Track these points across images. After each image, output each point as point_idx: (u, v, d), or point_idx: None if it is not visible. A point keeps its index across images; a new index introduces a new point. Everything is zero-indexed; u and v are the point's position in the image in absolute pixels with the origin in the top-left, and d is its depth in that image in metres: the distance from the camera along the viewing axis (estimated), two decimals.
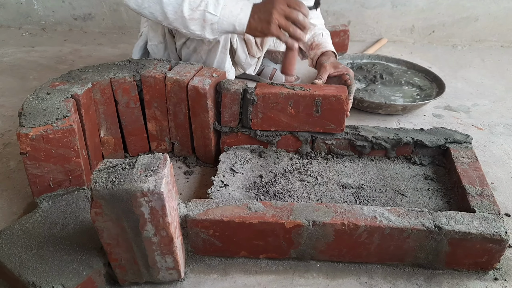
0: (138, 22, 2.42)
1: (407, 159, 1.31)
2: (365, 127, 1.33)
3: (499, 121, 1.65)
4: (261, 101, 1.24)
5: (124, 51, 2.24)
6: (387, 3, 2.30)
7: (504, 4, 2.24)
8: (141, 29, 1.58)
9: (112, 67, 1.30)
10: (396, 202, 1.15)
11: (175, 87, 1.25)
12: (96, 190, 0.80)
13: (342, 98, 1.22)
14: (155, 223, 0.84)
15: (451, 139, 1.28)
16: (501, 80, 1.99)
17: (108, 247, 0.89)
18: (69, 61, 2.14)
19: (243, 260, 1.03)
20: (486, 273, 1.00)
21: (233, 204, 0.99)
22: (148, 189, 0.79)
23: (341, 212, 0.97)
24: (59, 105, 1.09)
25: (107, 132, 1.29)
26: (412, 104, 1.61)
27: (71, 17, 2.47)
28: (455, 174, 1.18)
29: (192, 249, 1.01)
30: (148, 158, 0.86)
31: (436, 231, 0.94)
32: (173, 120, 1.32)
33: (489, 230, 0.94)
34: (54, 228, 1.00)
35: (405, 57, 2.14)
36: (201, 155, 1.37)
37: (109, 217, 0.83)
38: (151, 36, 1.48)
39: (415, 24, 2.35)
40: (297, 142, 1.33)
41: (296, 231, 0.96)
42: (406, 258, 1.00)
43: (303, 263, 1.02)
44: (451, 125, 1.60)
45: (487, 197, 1.06)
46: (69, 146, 1.05)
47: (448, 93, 1.81)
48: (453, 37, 2.38)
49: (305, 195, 1.18)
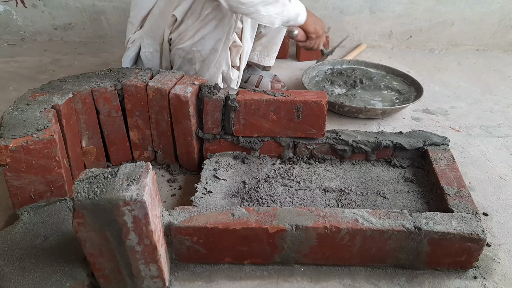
0: (119, 31, 2.43)
1: (387, 162, 1.34)
2: (346, 131, 1.35)
3: (475, 123, 1.69)
4: (243, 108, 1.26)
5: (105, 60, 2.23)
6: (365, 9, 2.34)
7: (478, 9, 2.30)
8: (129, 36, 1.57)
9: (93, 77, 1.30)
10: (377, 205, 1.18)
11: (156, 95, 1.25)
12: (78, 200, 0.80)
13: (322, 103, 1.23)
14: (138, 232, 0.84)
15: (429, 141, 1.31)
16: (477, 83, 2.04)
17: (91, 258, 0.88)
18: (49, 71, 2.12)
19: (228, 267, 1.03)
20: (465, 271, 1.03)
21: (217, 211, 1.00)
22: (131, 197, 0.79)
23: (324, 215, 0.99)
24: (40, 116, 1.08)
25: (89, 142, 1.29)
26: (391, 108, 1.65)
27: (51, 27, 2.45)
28: (433, 175, 1.20)
29: (176, 257, 1.02)
30: (130, 167, 0.86)
31: (416, 232, 0.96)
32: (156, 128, 1.32)
33: (467, 229, 0.96)
34: (36, 239, 0.99)
35: (384, 62, 2.18)
36: (184, 163, 1.37)
37: (91, 227, 0.83)
38: (146, 43, 1.49)
39: (393, 29, 2.40)
40: (280, 148, 1.34)
41: (279, 235, 0.97)
42: (388, 259, 1.02)
43: (287, 268, 1.03)
44: (429, 128, 1.64)
45: (465, 198, 1.09)
46: (50, 157, 1.04)
47: (426, 96, 1.85)
48: (430, 42, 2.43)
49: (288, 200, 1.19)
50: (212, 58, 1.46)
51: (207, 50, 1.43)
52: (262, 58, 1.87)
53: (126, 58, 1.56)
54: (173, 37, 1.44)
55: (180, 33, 1.42)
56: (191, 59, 1.45)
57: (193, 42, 1.41)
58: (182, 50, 1.43)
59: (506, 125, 1.68)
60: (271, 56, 1.88)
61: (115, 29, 2.45)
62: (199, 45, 1.41)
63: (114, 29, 2.45)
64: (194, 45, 1.41)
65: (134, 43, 1.54)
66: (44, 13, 2.40)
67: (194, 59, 1.45)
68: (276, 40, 1.82)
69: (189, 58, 1.45)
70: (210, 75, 1.50)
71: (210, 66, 1.47)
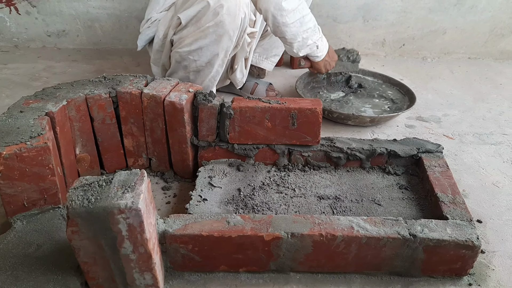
0: (114, 38, 2.43)
1: (381, 169, 1.34)
2: (340, 138, 1.36)
3: (468, 130, 1.71)
4: (238, 115, 1.26)
5: (99, 67, 2.23)
6: (358, 17, 2.36)
7: (470, 18, 2.33)
8: (151, 14, 1.58)
9: (87, 84, 1.30)
10: (372, 212, 1.18)
11: (151, 102, 1.25)
12: (72, 208, 0.79)
13: (317, 111, 1.24)
14: (133, 240, 0.84)
15: (423, 148, 1.32)
16: (469, 91, 2.06)
17: (85, 266, 0.88)
18: (43, 78, 2.11)
19: (223, 275, 1.03)
20: (460, 279, 1.03)
21: (212, 219, 0.99)
22: (126, 205, 0.79)
23: (319, 223, 0.99)
24: (33, 123, 1.07)
25: (83, 149, 1.28)
26: (380, 116, 1.65)
27: (45, 34, 2.44)
28: (428, 182, 1.21)
29: (171, 265, 1.01)
30: (125, 175, 0.86)
31: (411, 239, 0.96)
32: (150, 135, 1.31)
33: (462, 236, 0.97)
34: (29, 248, 0.98)
35: (378, 69, 2.20)
36: (179, 170, 1.37)
37: (85, 235, 0.82)
38: (160, 29, 1.53)
39: (386, 37, 2.42)
40: (275, 155, 1.34)
41: (275, 243, 0.97)
42: (383, 267, 1.02)
43: (283, 275, 1.03)
44: (423, 135, 1.65)
45: (459, 205, 1.10)
46: (44, 165, 1.03)
47: (419, 104, 1.86)
48: (423, 50, 2.45)
49: (283, 207, 1.19)
50: (207, 72, 1.47)
51: (203, 62, 1.44)
52: (260, 60, 1.88)
53: (144, 36, 1.59)
54: (175, 39, 1.45)
55: (181, 37, 1.42)
56: (186, 66, 1.46)
57: (190, 50, 1.41)
58: (179, 54, 1.43)
59: (499, 132, 1.69)
60: (270, 60, 1.89)
61: (109, 36, 2.44)
62: (196, 54, 1.42)
63: (108, 36, 2.45)
64: (191, 53, 1.42)
65: (156, 23, 1.54)
66: (37, 20, 2.39)
67: (188, 67, 1.46)
68: (277, 44, 1.83)
69: (184, 65, 1.45)
70: (204, 86, 1.51)
71: (205, 79, 1.49)
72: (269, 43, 1.82)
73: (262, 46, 1.82)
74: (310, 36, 1.55)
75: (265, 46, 1.82)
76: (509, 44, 2.41)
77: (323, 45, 1.63)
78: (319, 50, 1.62)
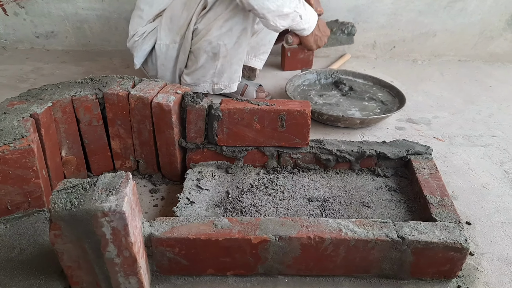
0: (103, 40, 2.41)
1: (371, 171, 1.34)
2: (330, 140, 1.35)
3: (458, 132, 1.71)
4: (226, 117, 1.25)
5: (88, 69, 2.21)
6: (349, 20, 2.35)
7: (459, 20, 2.34)
8: (137, 29, 1.55)
9: (74, 85, 1.28)
10: (361, 214, 1.17)
11: (138, 104, 1.23)
12: (55, 211, 0.77)
13: (306, 113, 1.23)
14: (118, 244, 0.82)
15: (412, 150, 1.31)
16: (459, 93, 2.07)
17: (68, 270, 0.86)
18: (30, 79, 2.08)
19: (210, 278, 1.02)
20: (449, 281, 1.03)
21: (199, 221, 0.98)
22: (109, 208, 0.77)
23: (307, 225, 0.98)
24: (17, 125, 1.06)
25: (69, 152, 1.26)
26: (370, 118, 1.65)
27: (33, 35, 2.41)
28: (417, 184, 1.21)
29: (157, 269, 0.99)
30: (109, 177, 0.85)
31: (399, 242, 0.95)
32: (138, 137, 1.30)
33: (450, 238, 0.96)
34: (12, 252, 0.96)
35: (368, 72, 2.20)
36: (167, 173, 1.35)
37: (69, 239, 0.81)
38: (163, 35, 1.50)
39: (377, 40, 2.42)
40: (264, 157, 1.33)
41: (262, 246, 0.96)
42: (372, 269, 1.01)
43: (271, 279, 1.02)
44: (413, 137, 1.65)
45: (448, 207, 1.09)
46: (28, 167, 1.01)
47: (409, 106, 1.87)
48: (413, 52, 2.46)
49: (271, 210, 1.18)
50: (235, 53, 1.47)
51: (232, 44, 1.44)
52: (249, 59, 1.86)
53: (141, 53, 1.55)
54: (200, 27, 1.42)
55: (208, 22, 1.40)
56: (216, 54, 1.44)
57: (220, 33, 1.39)
58: (208, 42, 1.42)
59: (488, 134, 1.69)
60: (259, 58, 1.87)
61: (98, 37, 2.42)
62: (226, 38, 1.40)
63: (97, 37, 2.43)
64: (221, 37, 1.40)
65: (147, 36, 1.52)
66: (26, 21, 2.36)
67: (218, 55, 1.44)
68: (265, 42, 1.82)
69: (214, 53, 1.44)
70: (231, 73, 1.51)
71: (233, 62, 1.48)
72: (257, 41, 1.80)
73: (249, 44, 1.80)
74: (285, 3, 1.40)
75: (253, 44, 1.80)
76: (499, 46, 2.42)
77: (308, 15, 1.50)
78: (304, 21, 1.49)
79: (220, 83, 1.56)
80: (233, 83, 1.59)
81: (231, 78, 1.55)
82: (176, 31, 1.47)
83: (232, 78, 1.54)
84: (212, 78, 1.53)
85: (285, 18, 1.43)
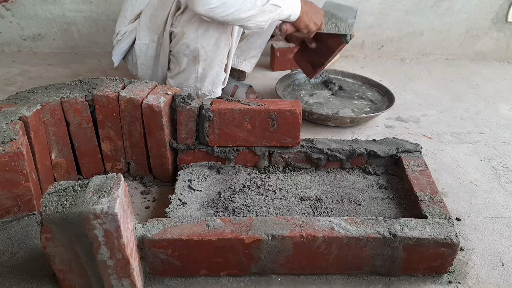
0: (91, 42, 2.39)
1: (361, 169, 1.35)
2: (320, 139, 1.36)
3: (446, 130, 1.73)
4: (217, 117, 1.25)
5: (76, 71, 2.19)
6: None
7: (446, 19, 2.37)
8: (120, 28, 1.54)
9: (63, 87, 1.27)
10: (352, 212, 1.18)
11: (129, 106, 1.23)
12: (46, 215, 0.77)
13: (297, 112, 1.24)
14: (110, 246, 0.82)
15: (402, 148, 1.33)
16: (447, 91, 2.09)
17: (60, 274, 0.85)
18: (18, 82, 2.06)
19: (204, 279, 1.01)
20: (440, 277, 1.04)
21: (192, 222, 0.98)
22: (101, 210, 0.77)
23: (299, 224, 0.98)
24: (6, 128, 1.04)
25: (59, 154, 1.25)
26: (360, 116, 1.66)
27: (20, 38, 2.39)
28: (407, 182, 1.22)
29: (150, 271, 0.99)
30: (101, 179, 0.84)
31: (391, 239, 0.96)
32: (128, 139, 1.29)
33: (441, 234, 0.97)
34: (3, 257, 0.95)
35: (357, 71, 2.21)
36: (158, 174, 1.35)
37: (60, 242, 0.80)
38: (142, 35, 1.48)
39: (365, 39, 2.44)
40: (255, 157, 1.33)
41: (255, 245, 0.96)
42: (364, 267, 1.02)
43: (264, 278, 1.02)
44: (402, 135, 1.66)
45: (438, 203, 1.11)
46: (17, 170, 1.00)
47: (398, 105, 1.88)
48: (401, 51, 2.48)
49: (264, 210, 1.18)
50: (215, 55, 1.43)
51: (211, 46, 1.41)
52: (238, 62, 1.86)
53: (118, 51, 1.54)
54: (176, 30, 1.40)
55: (183, 25, 1.37)
56: (196, 57, 1.41)
57: (196, 36, 1.36)
58: (186, 46, 1.39)
59: (476, 131, 1.72)
60: (248, 62, 1.87)
61: (86, 39, 2.41)
62: (203, 40, 1.37)
63: (85, 39, 2.41)
64: (198, 40, 1.37)
65: (126, 35, 1.51)
66: (12, 23, 2.34)
67: (198, 58, 1.42)
68: (255, 45, 1.82)
69: (194, 56, 1.41)
70: (213, 76, 1.48)
71: (214, 64, 1.45)
72: (247, 45, 1.80)
73: (240, 48, 1.80)
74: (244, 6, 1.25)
75: (243, 48, 1.81)
76: (485, 45, 2.46)
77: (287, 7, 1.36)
78: (284, 8, 1.35)
79: (203, 88, 1.53)
80: (216, 87, 1.55)
81: (214, 82, 1.52)
82: (154, 30, 1.46)
83: (215, 82, 1.51)
84: (195, 83, 1.50)
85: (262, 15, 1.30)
